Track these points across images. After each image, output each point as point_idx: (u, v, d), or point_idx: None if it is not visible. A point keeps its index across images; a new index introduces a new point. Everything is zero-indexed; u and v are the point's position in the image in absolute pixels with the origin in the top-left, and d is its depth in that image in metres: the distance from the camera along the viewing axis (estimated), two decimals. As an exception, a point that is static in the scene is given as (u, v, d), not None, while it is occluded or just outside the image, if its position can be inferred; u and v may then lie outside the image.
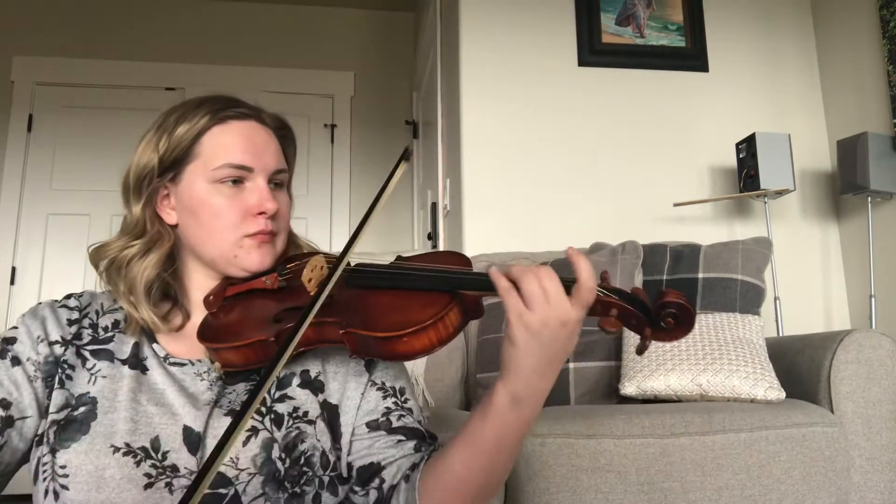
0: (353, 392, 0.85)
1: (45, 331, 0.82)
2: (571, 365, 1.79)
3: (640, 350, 0.72)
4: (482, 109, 2.58)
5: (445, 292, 0.75)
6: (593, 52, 2.68)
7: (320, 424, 0.81)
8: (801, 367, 1.61)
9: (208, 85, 3.94)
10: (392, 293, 0.78)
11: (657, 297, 0.71)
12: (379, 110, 4.08)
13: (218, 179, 0.84)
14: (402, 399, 0.87)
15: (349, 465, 0.83)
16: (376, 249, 2.06)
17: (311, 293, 0.80)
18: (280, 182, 0.89)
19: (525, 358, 0.70)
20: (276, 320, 0.79)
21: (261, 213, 0.84)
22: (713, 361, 1.59)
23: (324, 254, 0.90)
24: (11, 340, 0.81)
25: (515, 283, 0.70)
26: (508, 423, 0.73)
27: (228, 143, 0.85)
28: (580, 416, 1.42)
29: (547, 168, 2.56)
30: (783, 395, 1.53)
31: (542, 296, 0.68)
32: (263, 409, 0.79)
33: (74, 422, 0.76)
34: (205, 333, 0.81)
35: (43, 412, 0.78)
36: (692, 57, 2.73)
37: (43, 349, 0.81)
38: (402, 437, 0.83)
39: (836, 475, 1.41)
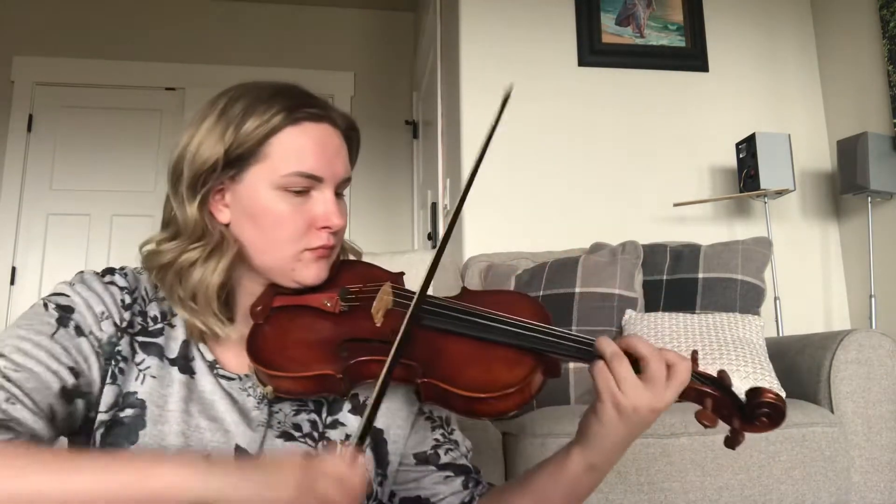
0: (403, 421, 0.83)
1: (106, 307, 0.74)
2: (571, 365, 1.79)
3: (732, 444, 0.70)
4: (482, 109, 2.58)
5: (530, 352, 0.71)
6: (593, 52, 2.68)
7: (368, 452, 0.78)
8: (801, 367, 1.61)
9: (208, 85, 3.93)
10: (471, 342, 0.73)
11: (750, 393, 0.70)
12: (379, 110, 4.07)
13: (285, 186, 0.75)
14: (450, 430, 0.85)
15: (392, 493, 0.82)
16: (377, 249, 2.06)
17: (378, 324, 0.75)
18: (342, 192, 0.83)
19: (611, 435, 0.69)
20: (340, 350, 0.73)
21: (325, 227, 0.77)
22: (713, 361, 1.59)
23: (380, 274, 0.85)
24: (69, 309, 0.72)
25: (607, 362, 0.68)
26: (580, 485, 0.74)
27: (301, 147, 0.76)
28: (580, 417, 1.41)
29: (547, 168, 2.56)
30: (783, 395, 1.53)
31: (634, 379, 0.67)
32: (317, 435, 0.76)
33: (122, 426, 0.71)
34: (256, 353, 0.74)
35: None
36: (692, 57, 2.73)
37: (108, 327, 0.73)
38: (451, 474, 0.82)
39: (836, 475, 1.41)
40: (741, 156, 2.46)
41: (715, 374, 0.73)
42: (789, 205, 2.66)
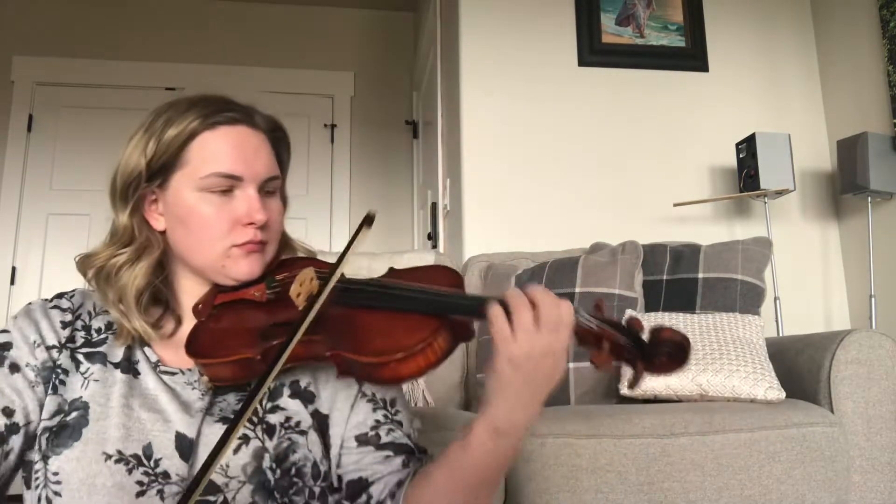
0: (343, 403, 0.84)
1: (40, 335, 0.81)
2: (571, 365, 1.79)
3: (633, 384, 0.72)
4: (482, 109, 2.58)
5: (434, 316, 0.73)
6: (593, 52, 2.68)
7: (312, 435, 0.81)
8: (801, 367, 1.61)
9: (208, 85, 3.90)
10: (380, 314, 0.76)
11: (652, 332, 0.70)
12: (379, 110, 4.08)
13: (206, 188, 0.81)
14: (393, 411, 0.86)
15: (339, 478, 0.83)
16: (377, 249, 2.06)
17: (300, 308, 0.78)
18: (272, 189, 0.87)
19: (507, 389, 0.70)
20: (263, 336, 0.78)
21: (250, 224, 0.82)
22: (713, 361, 1.59)
23: (315, 265, 0.87)
24: (7, 346, 0.79)
25: (507, 310, 0.69)
26: (489, 455, 0.73)
27: (217, 150, 0.81)
28: (580, 416, 1.41)
29: (547, 168, 2.56)
30: (783, 395, 1.53)
31: (530, 323, 0.68)
32: (255, 419, 0.79)
33: (67, 427, 0.75)
34: (193, 347, 0.80)
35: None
36: (692, 57, 2.73)
37: (41, 354, 0.80)
38: (391, 453, 0.82)
39: (836, 475, 1.41)
40: (741, 156, 2.46)
41: (623, 322, 0.72)
42: (789, 205, 2.66)
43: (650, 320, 1.79)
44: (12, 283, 3.60)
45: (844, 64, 2.71)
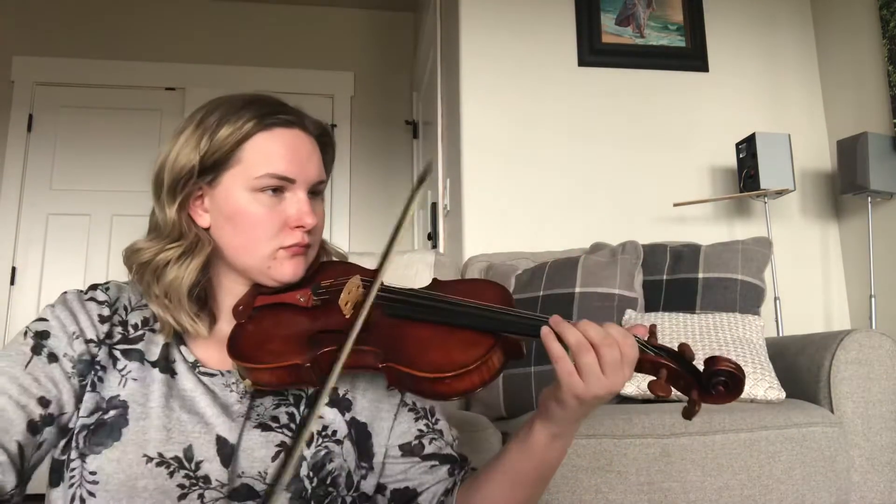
0: (386, 413, 0.85)
1: (79, 326, 0.79)
2: (571, 365, 1.79)
3: (689, 414, 0.70)
4: (482, 109, 2.58)
5: (489, 333, 0.73)
6: (593, 52, 2.68)
7: (347, 444, 0.81)
8: (801, 367, 1.61)
9: (208, 85, 3.94)
10: (434, 327, 0.76)
11: (708, 362, 0.70)
12: (379, 110, 4.08)
13: (259, 188, 0.81)
14: (434, 420, 0.87)
15: (381, 486, 0.84)
16: (377, 249, 2.06)
17: (347, 316, 0.78)
18: (318, 191, 0.87)
19: (570, 415, 0.73)
20: (311, 342, 0.77)
21: (298, 227, 0.82)
22: (713, 361, 1.59)
23: (358, 271, 0.88)
24: (45, 335, 0.77)
25: (574, 355, 0.69)
26: (548, 457, 0.77)
27: (272, 151, 0.81)
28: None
29: (547, 168, 2.56)
30: (783, 395, 1.53)
31: (597, 369, 0.68)
32: (293, 426, 0.79)
33: (105, 426, 0.75)
34: (235, 349, 0.78)
35: (77, 409, 0.77)
36: (692, 57, 2.73)
37: (79, 346, 0.78)
38: (436, 463, 0.84)
39: (836, 475, 1.41)
40: (741, 156, 2.46)
41: (675, 348, 0.72)
42: (789, 205, 2.66)
43: (651, 321, 1.79)
44: (12, 283, 3.60)
45: (844, 64, 2.71)
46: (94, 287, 0.84)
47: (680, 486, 1.35)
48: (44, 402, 0.74)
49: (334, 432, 0.81)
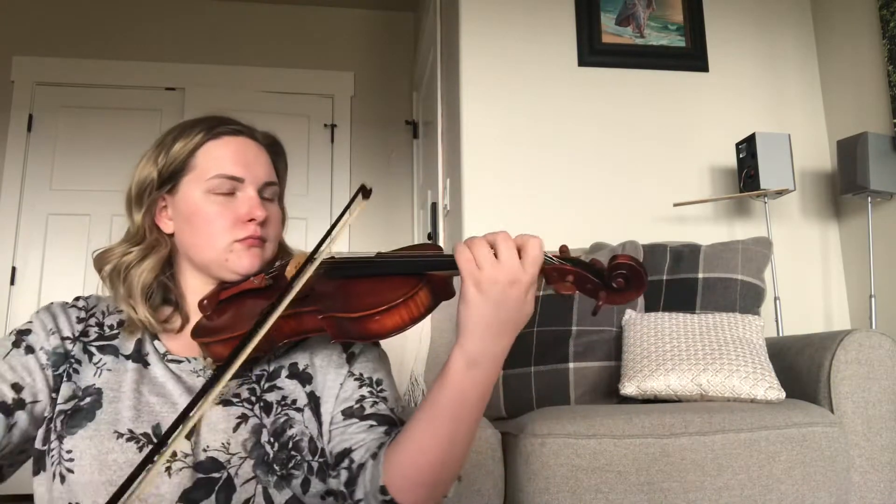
0: (333, 382, 0.90)
1: (56, 325, 0.89)
2: (571, 365, 1.79)
3: (595, 311, 0.77)
4: (482, 109, 2.58)
5: (415, 275, 0.80)
6: (593, 52, 2.68)
7: (307, 413, 0.86)
8: (801, 367, 1.61)
9: (208, 85, 3.95)
10: (368, 280, 0.83)
11: (608, 261, 0.74)
12: (379, 110, 4.07)
13: (211, 189, 0.90)
14: (378, 389, 0.91)
15: (330, 453, 0.86)
16: (372, 249, 2.06)
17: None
18: (270, 196, 0.96)
19: (477, 316, 0.73)
20: (262, 315, 0.81)
21: (251, 220, 0.90)
22: (713, 361, 1.59)
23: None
24: (26, 332, 0.88)
25: (471, 250, 0.75)
26: (465, 387, 0.76)
27: (221, 155, 0.92)
28: (580, 416, 1.42)
29: (547, 168, 2.56)
30: (783, 395, 1.53)
31: (490, 255, 0.73)
32: (253, 399, 0.85)
33: (81, 411, 0.82)
34: (197, 330, 0.87)
35: (53, 399, 0.84)
36: (692, 57, 2.73)
37: (54, 340, 0.87)
38: (374, 423, 0.87)
39: (836, 475, 1.41)
40: (741, 156, 2.46)
41: (583, 258, 0.79)
42: (789, 205, 2.66)
43: (651, 321, 1.79)
44: (12, 283, 3.60)
45: (844, 64, 2.71)
46: (76, 298, 0.96)
47: (680, 486, 1.35)
48: (17, 387, 0.83)
49: (294, 401, 0.86)
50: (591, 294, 0.75)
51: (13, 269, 3.62)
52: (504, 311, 0.73)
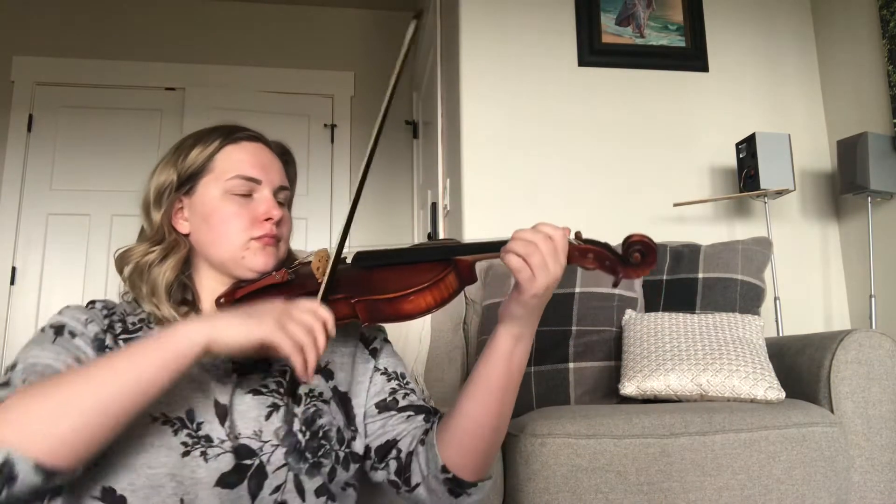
0: (363, 377, 0.97)
1: (88, 317, 0.90)
2: (571, 365, 1.79)
3: (616, 283, 0.83)
4: (482, 109, 2.58)
5: (442, 261, 0.85)
6: (593, 52, 2.68)
7: (333, 405, 0.91)
8: (801, 367, 1.61)
9: (208, 85, 3.95)
10: (394, 268, 0.88)
11: (625, 240, 0.82)
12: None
13: (230, 190, 0.95)
14: (404, 382, 1.00)
15: (367, 448, 0.94)
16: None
17: (319, 280, 0.87)
18: (282, 200, 1.00)
19: (529, 311, 0.83)
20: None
21: (267, 220, 0.95)
22: (713, 361, 1.59)
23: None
24: (62, 325, 0.87)
25: (524, 259, 0.80)
26: (512, 361, 0.86)
27: (240, 158, 0.97)
28: (580, 416, 1.42)
29: (547, 168, 2.56)
30: (783, 395, 1.53)
31: (544, 264, 0.79)
32: (282, 391, 0.88)
33: None
34: None
35: None
36: (692, 57, 2.73)
37: (92, 328, 0.89)
38: (412, 413, 0.95)
39: (836, 475, 1.41)
40: (741, 156, 2.46)
41: (600, 241, 0.85)
42: (789, 205, 2.66)
43: (651, 321, 1.79)
44: (12, 283, 3.60)
45: (844, 64, 2.71)
46: (91, 302, 0.96)
47: (680, 486, 1.35)
48: (79, 361, 0.84)
49: (321, 393, 0.91)
50: (610, 270, 0.82)
51: (13, 269, 3.62)
52: (544, 298, 0.82)
